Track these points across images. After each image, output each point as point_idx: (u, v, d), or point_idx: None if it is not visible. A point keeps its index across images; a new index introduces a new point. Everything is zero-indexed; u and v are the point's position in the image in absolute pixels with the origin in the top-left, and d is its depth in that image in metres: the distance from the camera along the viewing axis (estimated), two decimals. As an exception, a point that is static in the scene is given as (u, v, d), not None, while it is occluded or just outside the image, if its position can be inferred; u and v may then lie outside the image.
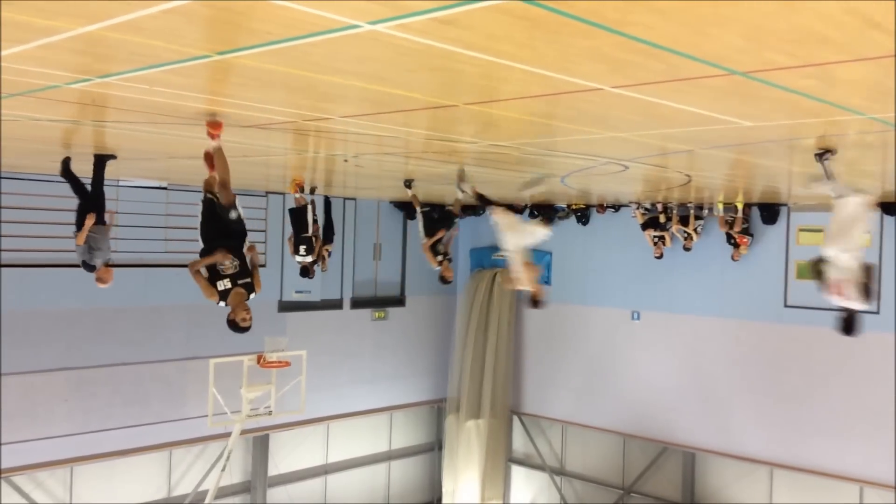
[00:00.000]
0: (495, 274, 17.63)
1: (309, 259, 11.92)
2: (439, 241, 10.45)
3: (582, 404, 16.39)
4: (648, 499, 15.58)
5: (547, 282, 17.08)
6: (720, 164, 8.55)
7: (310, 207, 11.70)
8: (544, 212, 16.31)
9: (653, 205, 14.12)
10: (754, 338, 14.16)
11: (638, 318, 15.64)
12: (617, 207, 15.52)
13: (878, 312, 12.83)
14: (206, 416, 13.06)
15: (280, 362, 13.25)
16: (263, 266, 13.25)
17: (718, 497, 14.71)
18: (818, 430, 13.37)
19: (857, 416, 12.96)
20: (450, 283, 11.11)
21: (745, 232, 13.96)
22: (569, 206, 16.06)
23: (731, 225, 13.86)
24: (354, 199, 16.49)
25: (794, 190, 11.85)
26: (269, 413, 13.53)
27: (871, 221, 12.45)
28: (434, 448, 18.62)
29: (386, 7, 2.86)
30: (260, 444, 15.50)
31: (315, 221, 11.84)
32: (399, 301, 17.74)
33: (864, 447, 12.85)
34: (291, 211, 11.92)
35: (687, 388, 14.90)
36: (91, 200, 8.27)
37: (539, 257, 17.19)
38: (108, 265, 8.25)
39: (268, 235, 14.80)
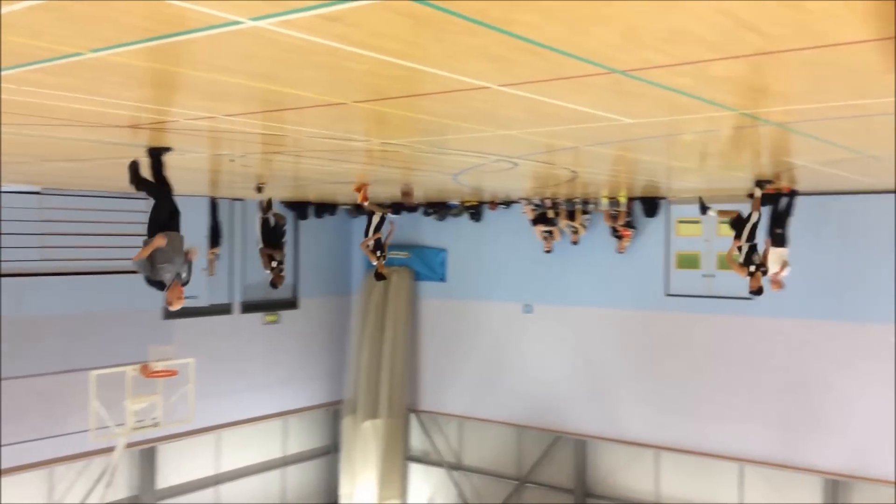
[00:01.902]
0: (390, 273, 17.62)
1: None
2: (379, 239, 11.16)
3: (478, 399, 16.60)
4: (543, 487, 15.94)
5: (442, 278, 17.21)
6: (604, 161, 8.82)
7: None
8: (438, 209, 16.44)
9: (542, 200, 14.45)
10: (639, 326, 14.72)
11: (530, 311, 15.96)
12: (508, 204, 15.79)
13: (750, 298, 13.56)
14: (89, 430, 12.46)
15: (166, 371, 12.79)
16: None
17: (609, 481, 15.22)
18: (699, 412, 14.03)
19: (736, 397, 13.67)
20: (384, 279, 12.22)
21: (629, 225, 14.48)
22: (462, 203, 16.23)
23: (615, 219, 14.36)
24: (242, 199, 16.10)
25: (672, 184, 12.38)
26: (156, 424, 13.04)
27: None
28: (331, 451, 18.44)
29: (268, 3, 2.79)
30: (147, 457, 14.93)
31: None
32: (292, 303, 17.45)
33: (742, 427, 13.58)
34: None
35: (578, 377, 15.34)
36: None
37: (433, 255, 17.31)
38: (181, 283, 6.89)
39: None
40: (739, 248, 9.49)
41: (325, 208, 17.06)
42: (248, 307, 16.54)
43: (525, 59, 3.56)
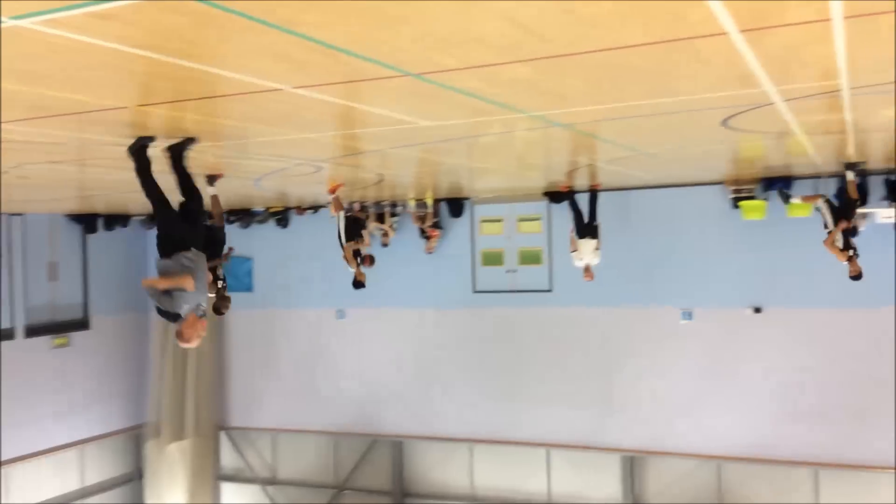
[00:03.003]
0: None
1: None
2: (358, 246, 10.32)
3: (292, 410, 16.25)
4: (361, 492, 15.89)
5: (248, 289, 16.66)
6: (409, 163, 8.93)
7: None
8: (242, 216, 15.90)
9: (350, 204, 14.38)
10: (450, 324, 15.05)
11: (343, 316, 15.85)
12: (316, 208, 15.58)
13: (551, 290, 14.30)
14: None
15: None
16: None
17: (426, 479, 15.44)
18: (510, 403, 14.58)
19: (543, 385, 14.33)
20: (363, 287, 10.78)
21: (436, 226, 14.78)
22: (267, 209, 15.81)
23: (422, 220, 14.60)
24: (21, 214, 14.73)
25: (475, 184, 12.78)
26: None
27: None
28: (134, 478, 17.31)
29: (29, 2, 2.54)
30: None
31: None
32: (82, 324, 16.18)
33: (549, 413, 14.26)
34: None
35: (393, 379, 15.43)
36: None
37: (238, 264, 16.73)
38: (199, 316, 5.39)
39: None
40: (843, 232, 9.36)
41: (115, 220, 15.99)
42: (33, 331, 15.15)
43: (319, 61, 3.49)
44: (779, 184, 12.19)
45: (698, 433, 13.21)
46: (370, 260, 10.81)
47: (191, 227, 5.52)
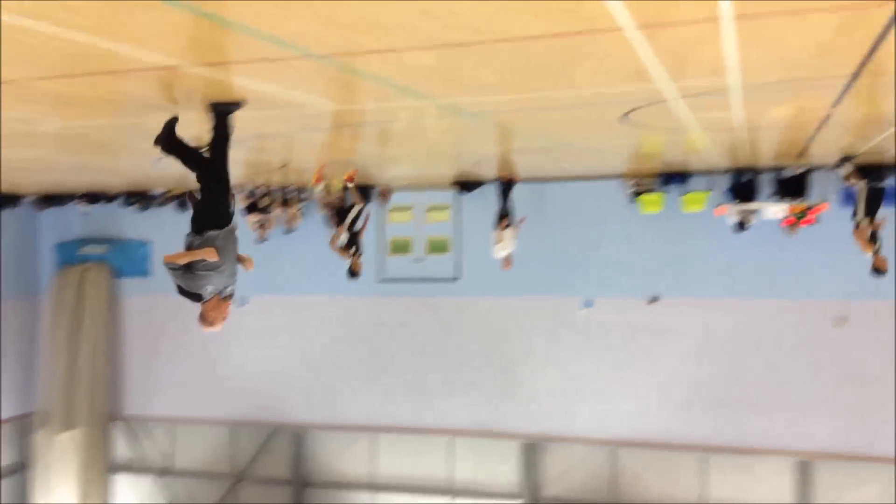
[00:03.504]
0: (85, 270, 16.18)
1: None
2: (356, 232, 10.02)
3: (190, 398, 15.83)
4: (260, 483, 15.65)
5: (145, 273, 16.14)
6: (315, 148, 8.81)
7: None
8: (140, 199, 15.36)
9: (255, 189, 14.09)
10: (356, 312, 14.96)
11: (246, 302, 15.53)
12: (217, 193, 15.14)
13: (457, 279, 14.41)
14: None
15: None
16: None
17: (327, 469, 15.34)
18: (415, 391, 14.63)
19: (448, 373, 14.44)
20: (357, 277, 10.35)
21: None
22: (167, 192, 15.30)
23: (330, 206, 14.39)
24: None
25: (384, 172, 12.73)
26: None
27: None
28: (19, 469, 16.53)
29: None
30: None
31: None
32: (-33, 308, 15.32)
33: (452, 401, 14.39)
34: None
35: (296, 367, 15.24)
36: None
37: (135, 248, 16.19)
38: (224, 297, 5.11)
39: None
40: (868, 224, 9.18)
41: (5, 200, 15.18)
42: (-90, 315, 14.23)
43: (212, 39, 3.40)
44: (676, 179, 12.65)
45: (595, 420, 13.61)
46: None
47: (229, 203, 5.16)
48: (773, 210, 11.64)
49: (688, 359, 13.18)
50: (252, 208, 14.30)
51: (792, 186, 11.76)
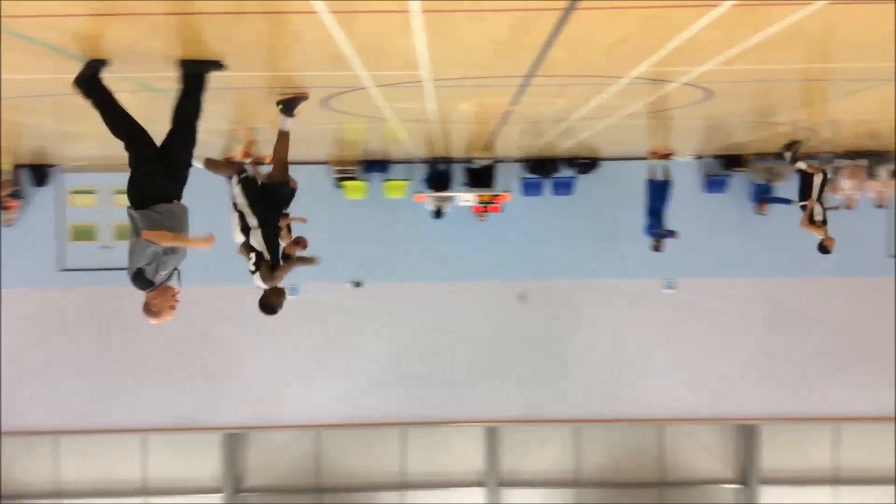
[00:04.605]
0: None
1: None
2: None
3: None
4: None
5: None
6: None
7: None
8: None
9: None
10: (32, 304, 13.43)
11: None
12: None
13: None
14: None
15: None
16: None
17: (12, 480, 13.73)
18: (103, 388, 13.50)
19: (144, 365, 13.50)
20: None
21: (15, 195, 13.10)
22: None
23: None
24: None
25: (65, 150, 11.56)
26: None
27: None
28: None
29: None
30: None
31: None
32: None
33: (141, 401, 13.47)
34: None
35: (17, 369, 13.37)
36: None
37: None
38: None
39: None
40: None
41: None
42: None
43: None
44: (377, 167, 13.03)
45: (299, 405, 13.60)
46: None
47: (175, 172, 4.46)
48: (465, 198, 12.46)
49: (387, 341, 13.67)
50: None
51: (481, 177, 12.70)
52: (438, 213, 12.94)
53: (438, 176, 12.88)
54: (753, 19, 3.69)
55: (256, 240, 6.03)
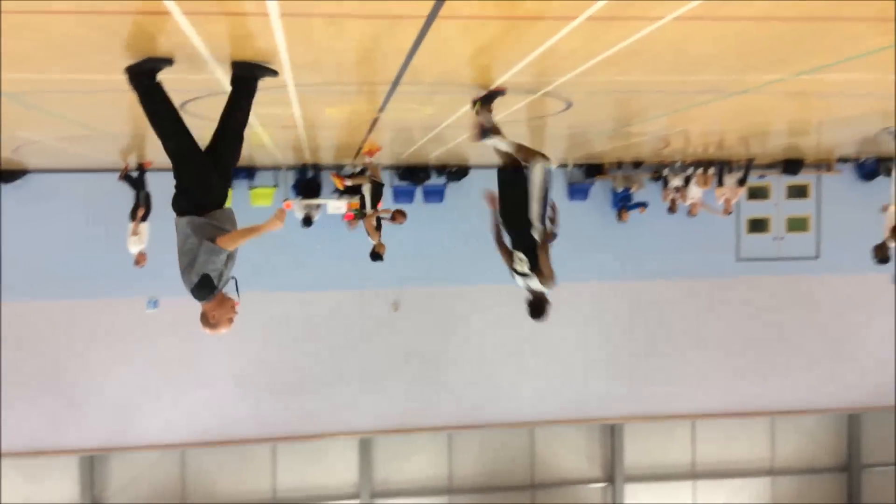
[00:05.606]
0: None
1: None
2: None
3: None
4: None
5: None
6: None
7: None
8: None
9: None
10: None
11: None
12: None
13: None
14: None
15: None
16: None
17: None
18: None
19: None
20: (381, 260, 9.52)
21: None
22: None
23: None
24: None
25: None
26: None
27: None
28: None
29: None
30: None
31: None
32: None
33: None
34: None
35: None
36: None
37: None
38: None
39: None
40: None
41: None
42: None
43: None
44: (243, 173, 12.68)
45: (160, 425, 13.02)
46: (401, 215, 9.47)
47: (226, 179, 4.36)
48: (335, 206, 12.28)
49: (255, 353, 13.31)
50: None
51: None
52: (308, 221, 12.72)
53: (308, 183, 12.69)
54: (607, 34, 3.83)
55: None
